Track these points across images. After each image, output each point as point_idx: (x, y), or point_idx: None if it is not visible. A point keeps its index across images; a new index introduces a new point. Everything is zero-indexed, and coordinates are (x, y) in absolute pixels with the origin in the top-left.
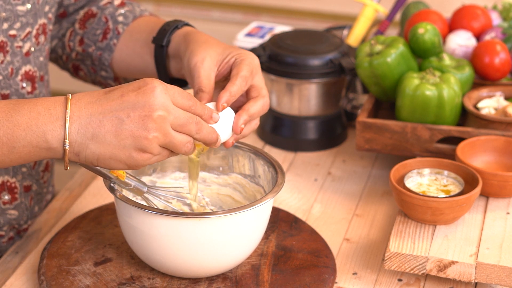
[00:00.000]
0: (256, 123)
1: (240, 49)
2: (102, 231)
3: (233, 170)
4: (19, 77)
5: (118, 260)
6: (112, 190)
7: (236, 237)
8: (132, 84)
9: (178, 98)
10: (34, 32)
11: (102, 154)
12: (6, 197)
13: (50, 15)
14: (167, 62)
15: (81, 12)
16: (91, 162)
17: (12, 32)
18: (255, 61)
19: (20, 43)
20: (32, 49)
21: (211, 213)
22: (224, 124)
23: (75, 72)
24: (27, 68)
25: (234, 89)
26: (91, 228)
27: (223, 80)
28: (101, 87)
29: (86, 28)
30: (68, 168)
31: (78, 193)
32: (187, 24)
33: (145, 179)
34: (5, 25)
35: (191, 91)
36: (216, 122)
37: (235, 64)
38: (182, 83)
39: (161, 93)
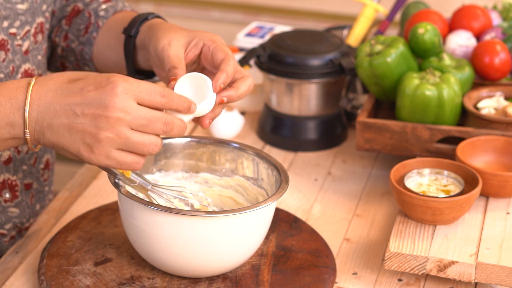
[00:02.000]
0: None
1: (206, 32)
2: (102, 231)
3: (236, 172)
4: (19, 75)
5: (118, 260)
6: (116, 186)
7: (238, 238)
8: (95, 78)
9: (145, 97)
10: (33, 30)
11: (56, 144)
12: (7, 195)
13: (47, 14)
14: (135, 53)
15: (68, 9)
16: (47, 146)
17: (12, 30)
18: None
19: (20, 42)
20: (31, 47)
21: (216, 212)
22: (208, 107)
23: (63, 70)
24: (26, 66)
25: (230, 70)
26: (91, 228)
27: (191, 64)
28: None
29: (72, 24)
30: (37, 149)
31: (78, 193)
32: (158, 17)
33: (147, 177)
34: (6, 23)
35: (162, 84)
36: (193, 112)
37: (216, 49)
38: (149, 74)
39: (121, 93)
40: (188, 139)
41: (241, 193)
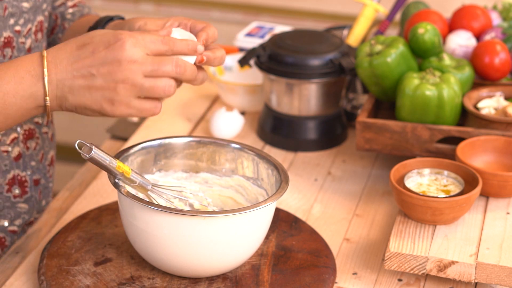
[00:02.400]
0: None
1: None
2: (102, 231)
3: (236, 172)
4: None
5: (118, 260)
6: (116, 186)
7: (238, 238)
8: (102, 38)
9: (151, 46)
10: (34, 28)
11: (79, 105)
12: (17, 191)
13: (46, 12)
14: None
15: None
16: (72, 111)
17: (17, 28)
18: None
19: (23, 39)
20: (32, 45)
21: (216, 212)
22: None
23: None
24: None
25: (211, 31)
26: (91, 228)
27: None
28: None
29: None
30: (51, 117)
31: (78, 193)
32: (122, 18)
33: (147, 177)
34: (12, 21)
35: None
36: (201, 52)
37: (194, 23)
38: None
39: (130, 47)
40: (189, 139)
41: (241, 193)
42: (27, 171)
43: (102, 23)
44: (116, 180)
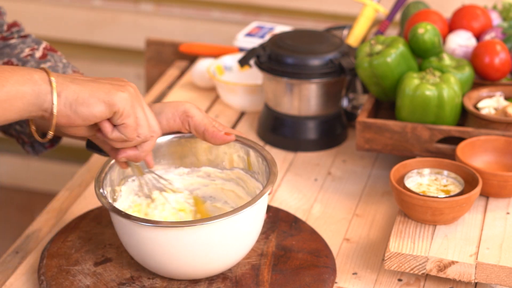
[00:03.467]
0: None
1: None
2: (102, 231)
3: (233, 164)
4: None
5: (118, 260)
6: (103, 201)
7: (234, 238)
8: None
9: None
10: None
11: (82, 92)
12: None
13: None
14: None
15: (0, 62)
16: (69, 105)
17: None
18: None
19: None
20: None
21: (196, 221)
22: None
23: None
24: None
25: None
26: (91, 228)
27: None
28: (15, 141)
29: None
30: (51, 133)
31: (78, 193)
32: None
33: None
34: None
35: None
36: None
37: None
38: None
39: (132, 86)
40: (178, 135)
41: (241, 186)
42: None
43: None
44: (101, 190)
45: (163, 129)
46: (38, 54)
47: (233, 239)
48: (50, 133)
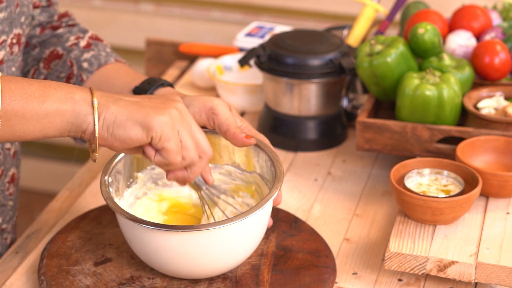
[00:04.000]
0: None
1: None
2: (102, 231)
3: (252, 168)
4: None
5: (118, 260)
6: (110, 201)
7: (237, 243)
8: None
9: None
10: (9, 41)
11: (120, 114)
12: None
13: (24, 26)
14: None
15: (47, 51)
16: (107, 127)
17: None
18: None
19: None
20: (6, 58)
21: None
22: None
23: None
24: None
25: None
26: (91, 228)
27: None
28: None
29: (51, 69)
30: (96, 158)
31: (78, 193)
32: (171, 85)
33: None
34: None
35: None
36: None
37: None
38: None
39: (183, 105)
40: (207, 129)
41: (258, 191)
42: None
43: (151, 86)
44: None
45: None
46: (82, 43)
47: (235, 244)
48: (96, 155)
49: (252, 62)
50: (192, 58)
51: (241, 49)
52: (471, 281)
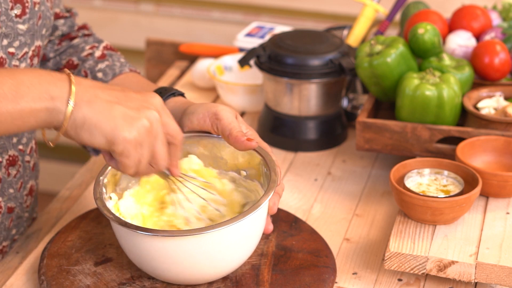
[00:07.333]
0: None
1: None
2: (102, 231)
3: (255, 177)
4: None
5: (118, 260)
6: (103, 207)
7: (235, 245)
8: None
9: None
10: (30, 53)
11: (89, 120)
12: None
13: (44, 38)
14: None
15: (63, 62)
16: (75, 128)
17: (11, 49)
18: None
19: (17, 62)
20: None
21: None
22: None
23: None
24: None
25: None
26: (92, 228)
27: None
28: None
29: None
30: (52, 144)
31: (78, 193)
32: (182, 94)
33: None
34: (5, 42)
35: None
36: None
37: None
38: None
39: (161, 101)
40: (213, 135)
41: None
42: (3, 197)
43: (163, 95)
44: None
45: (193, 129)
46: (97, 53)
47: (229, 248)
48: (50, 144)
49: (252, 62)
50: (192, 58)
51: (241, 49)
52: (471, 281)
